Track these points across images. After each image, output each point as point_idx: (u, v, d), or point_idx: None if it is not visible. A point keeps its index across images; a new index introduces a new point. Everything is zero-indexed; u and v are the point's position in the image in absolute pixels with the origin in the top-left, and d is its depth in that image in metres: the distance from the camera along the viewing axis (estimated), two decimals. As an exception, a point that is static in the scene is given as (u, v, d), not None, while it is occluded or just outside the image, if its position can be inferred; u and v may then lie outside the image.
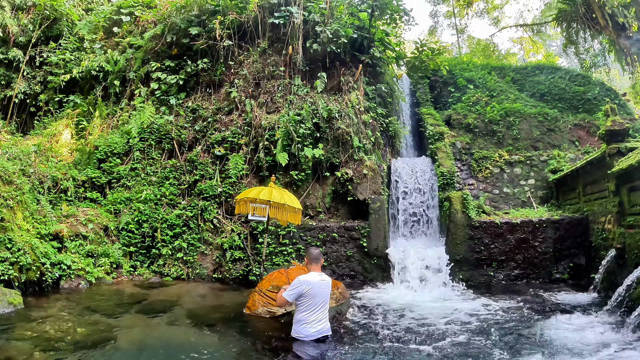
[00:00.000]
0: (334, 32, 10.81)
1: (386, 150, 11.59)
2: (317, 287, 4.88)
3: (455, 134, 12.96)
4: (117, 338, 5.07)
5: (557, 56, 29.45)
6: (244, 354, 4.79)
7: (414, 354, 4.91)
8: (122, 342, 4.94)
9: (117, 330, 5.40)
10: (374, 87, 11.60)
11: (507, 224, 9.48)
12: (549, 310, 6.90)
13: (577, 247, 9.29)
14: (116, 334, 5.24)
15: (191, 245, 9.55)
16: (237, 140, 10.52)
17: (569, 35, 18.29)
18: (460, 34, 29.95)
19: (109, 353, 4.61)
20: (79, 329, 5.37)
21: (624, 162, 7.37)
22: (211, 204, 9.92)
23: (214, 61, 11.72)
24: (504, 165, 12.42)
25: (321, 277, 5.02)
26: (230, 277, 9.21)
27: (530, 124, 13.28)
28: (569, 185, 10.65)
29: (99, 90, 12.44)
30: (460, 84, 15.11)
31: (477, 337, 5.57)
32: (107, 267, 8.85)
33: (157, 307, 6.76)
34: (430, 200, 10.88)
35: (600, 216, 8.63)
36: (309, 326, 4.87)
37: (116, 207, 9.92)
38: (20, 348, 4.56)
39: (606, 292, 7.25)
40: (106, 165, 10.54)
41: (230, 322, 6.11)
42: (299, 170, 10.02)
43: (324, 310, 4.95)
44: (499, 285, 9.17)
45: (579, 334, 5.49)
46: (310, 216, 9.98)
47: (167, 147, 10.79)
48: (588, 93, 14.74)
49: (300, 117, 10.10)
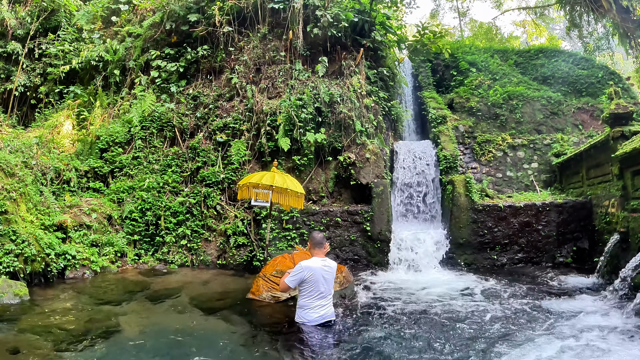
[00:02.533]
0: (335, 16, 10.69)
1: (388, 134, 11.50)
2: (319, 273, 4.81)
3: (458, 118, 12.87)
4: (123, 326, 5.08)
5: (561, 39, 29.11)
6: (248, 339, 4.77)
7: (418, 336, 4.91)
8: (128, 330, 4.94)
9: (123, 318, 5.40)
10: (375, 70, 11.48)
11: (511, 207, 9.47)
12: (552, 293, 6.90)
13: (581, 231, 9.28)
14: (122, 322, 5.24)
15: (195, 232, 9.56)
16: (238, 126, 10.47)
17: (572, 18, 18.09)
18: (462, 17, 29.67)
19: (115, 341, 4.60)
20: (85, 318, 5.37)
21: (628, 146, 7.33)
22: (214, 190, 9.90)
23: (214, 48, 11.62)
24: (507, 149, 12.36)
25: (324, 262, 4.92)
26: (235, 263, 9.22)
27: (534, 108, 13.18)
28: (572, 169, 10.59)
29: (99, 80, 12.37)
30: (463, 67, 14.96)
31: (480, 317, 5.62)
32: (111, 256, 8.87)
33: (162, 295, 6.77)
34: (433, 183, 10.85)
35: (603, 200, 8.59)
36: (312, 311, 4.84)
37: (119, 196, 9.92)
38: (27, 339, 4.56)
39: (609, 276, 7.22)
40: (108, 154, 10.52)
41: (235, 307, 6.12)
42: (301, 155, 9.97)
43: (325, 292, 4.88)
44: (503, 268, 9.18)
45: (582, 317, 5.49)
46: (313, 201, 9.97)
47: (168, 135, 10.75)
48: (592, 77, 14.60)
49: (301, 102, 10.03)
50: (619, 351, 4.30)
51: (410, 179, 10.90)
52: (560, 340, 4.60)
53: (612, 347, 4.41)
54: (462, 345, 4.56)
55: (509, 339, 4.76)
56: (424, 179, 10.90)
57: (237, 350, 4.43)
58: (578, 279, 7.92)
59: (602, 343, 4.53)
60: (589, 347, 4.40)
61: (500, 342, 4.62)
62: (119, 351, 4.30)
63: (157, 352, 4.28)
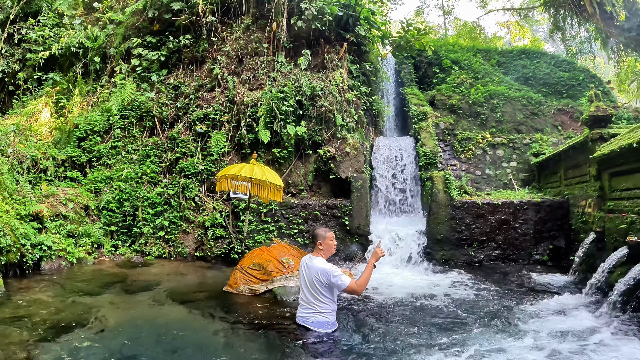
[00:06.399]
0: (319, 9, 10.61)
1: (369, 129, 11.51)
2: (302, 269, 4.65)
3: (439, 115, 12.91)
4: (99, 318, 5.01)
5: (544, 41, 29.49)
6: (225, 332, 4.74)
7: (393, 330, 4.88)
8: (105, 322, 4.88)
9: (100, 310, 5.33)
10: (358, 65, 11.45)
11: (489, 204, 9.51)
12: (528, 291, 6.96)
13: (557, 229, 9.36)
14: (98, 313, 5.18)
15: (173, 224, 9.49)
16: (219, 118, 10.38)
17: (556, 21, 18.26)
18: (447, 16, 29.82)
19: (91, 333, 4.53)
20: (61, 310, 5.30)
21: (606, 148, 7.38)
22: (193, 181, 9.83)
23: (197, 37, 11.47)
24: (487, 147, 12.44)
25: (309, 259, 4.65)
26: (212, 256, 9.18)
27: (514, 107, 13.30)
28: (550, 169, 10.71)
29: (78, 68, 12.15)
30: (446, 65, 15.03)
31: (454, 313, 5.63)
32: (88, 247, 8.77)
33: (139, 287, 6.71)
34: (413, 179, 10.88)
35: (580, 200, 8.68)
36: (299, 307, 4.68)
37: (97, 186, 9.80)
38: (2, 331, 4.45)
39: (585, 275, 7.26)
40: (86, 143, 10.38)
41: (212, 300, 6.09)
42: (281, 147, 9.93)
43: (308, 294, 4.55)
44: (480, 265, 9.24)
45: (556, 315, 5.51)
46: (292, 194, 9.94)
47: (148, 125, 10.62)
48: (573, 79, 14.83)
49: (283, 95, 9.96)
50: (594, 349, 4.29)
51: (389, 174, 10.92)
52: (533, 338, 4.58)
53: (587, 345, 4.40)
54: (419, 340, 4.53)
55: (476, 334, 4.76)
56: (404, 175, 10.92)
57: (213, 344, 4.39)
58: (554, 277, 7.99)
59: (577, 341, 4.52)
60: (562, 345, 4.38)
61: (464, 337, 4.62)
62: (95, 343, 4.23)
63: (133, 345, 4.22)
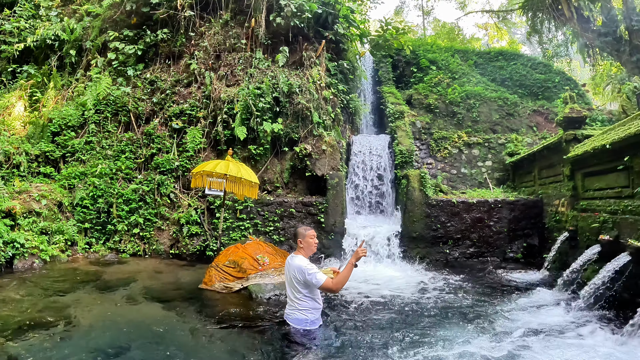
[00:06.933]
0: (299, 6, 10.56)
1: (346, 127, 11.54)
2: (286, 268, 4.59)
3: (416, 114, 13.01)
4: (73, 317, 4.95)
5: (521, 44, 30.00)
6: (201, 329, 4.73)
7: (366, 328, 4.91)
8: (78, 321, 4.82)
9: (73, 308, 5.27)
10: (336, 63, 11.44)
11: (464, 203, 9.64)
12: (501, 288, 7.06)
13: (531, 228, 9.55)
14: (72, 312, 5.12)
15: (147, 221, 9.39)
16: (195, 113, 10.28)
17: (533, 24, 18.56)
18: (426, 16, 30.08)
19: (65, 332, 4.47)
20: (35, 309, 5.22)
21: (580, 149, 7.53)
22: (168, 178, 9.72)
23: (174, 32, 11.30)
24: (463, 147, 12.59)
25: (291, 257, 4.58)
26: (188, 253, 9.11)
27: (490, 108, 13.50)
28: (525, 168, 10.89)
29: (54, 60, 11.91)
30: (423, 64, 15.13)
31: (427, 310, 5.69)
32: (61, 244, 8.63)
33: (113, 285, 6.63)
34: (388, 177, 10.94)
35: (554, 199, 8.84)
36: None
37: (70, 182, 9.63)
38: None
39: (557, 272, 7.40)
40: (60, 138, 10.18)
41: (187, 298, 6.05)
42: (257, 144, 9.88)
43: (289, 292, 4.55)
44: (455, 262, 9.37)
45: (529, 311, 5.59)
46: (268, 191, 9.91)
47: (123, 120, 10.47)
48: (548, 81, 15.12)
49: (260, 91, 9.91)
50: (566, 344, 4.36)
51: (365, 172, 10.96)
52: (505, 333, 4.64)
53: (559, 340, 4.48)
54: (388, 336, 4.58)
55: (449, 330, 4.81)
56: (380, 173, 10.97)
57: (187, 342, 4.37)
58: (527, 274, 8.13)
59: (549, 336, 4.58)
60: (534, 340, 4.45)
61: (435, 333, 4.66)
62: (68, 343, 4.17)
63: (107, 344, 4.17)
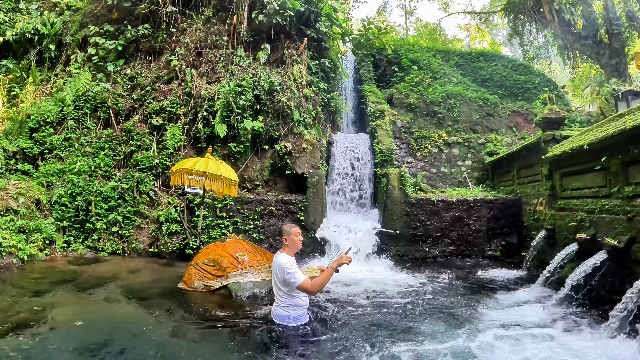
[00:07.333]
0: (281, 3, 10.51)
1: (326, 125, 11.56)
2: (272, 265, 4.58)
3: (396, 113, 13.05)
4: (51, 317, 4.88)
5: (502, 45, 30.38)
6: (180, 328, 4.71)
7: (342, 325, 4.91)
8: (57, 321, 4.75)
9: (52, 308, 5.20)
10: (317, 61, 11.43)
11: (443, 202, 9.73)
12: (480, 285, 7.14)
13: (510, 226, 9.68)
14: (50, 312, 5.05)
15: (127, 219, 9.29)
16: (175, 110, 10.20)
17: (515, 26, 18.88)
18: (408, 16, 30.23)
19: (42, 332, 4.41)
20: (12, 309, 5.14)
21: (558, 149, 7.62)
22: (147, 175, 9.63)
23: (156, 27, 11.19)
24: (443, 146, 12.66)
25: (277, 255, 4.56)
26: (167, 251, 9.06)
27: (471, 108, 13.61)
28: (504, 168, 11.01)
29: (33, 55, 11.70)
30: (405, 64, 15.19)
31: (405, 307, 5.72)
32: (39, 243, 8.51)
33: (92, 284, 6.56)
34: (369, 176, 11.00)
35: (532, 198, 8.97)
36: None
37: (49, 179, 9.48)
38: None
39: (536, 270, 7.54)
40: (39, 135, 10.03)
41: (167, 297, 6.00)
42: (237, 142, 9.85)
43: (274, 289, 4.58)
44: (434, 260, 9.47)
45: (508, 308, 5.66)
46: (248, 189, 9.90)
47: (102, 116, 10.33)
48: (528, 82, 15.31)
49: (241, 88, 9.86)
50: (543, 341, 4.42)
51: (346, 170, 10.99)
52: (483, 330, 4.68)
53: (536, 337, 4.54)
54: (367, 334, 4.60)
55: (426, 327, 4.86)
56: (360, 171, 11.01)
57: (166, 341, 4.35)
58: (506, 272, 8.23)
59: (526, 333, 4.63)
60: (510, 336, 4.50)
61: (409, 331, 4.72)
62: (45, 343, 4.13)
63: (85, 344, 4.13)
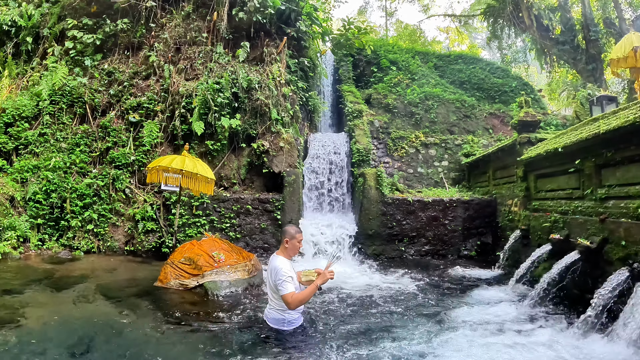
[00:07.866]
0: (262, 1, 10.46)
1: (304, 124, 11.59)
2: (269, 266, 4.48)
3: (374, 113, 13.13)
4: (24, 317, 4.82)
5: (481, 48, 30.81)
6: (156, 327, 4.70)
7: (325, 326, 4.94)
8: (30, 321, 4.70)
9: (25, 308, 5.14)
10: (297, 60, 11.42)
11: (419, 202, 9.84)
12: (455, 284, 7.24)
13: (485, 226, 9.84)
14: (23, 312, 4.99)
15: (102, 217, 9.22)
16: (153, 107, 10.12)
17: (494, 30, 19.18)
18: (389, 17, 30.32)
19: (15, 332, 4.35)
20: None
21: (533, 151, 7.77)
22: (123, 172, 9.56)
23: (135, 22, 11.04)
24: (420, 146, 12.78)
25: (274, 256, 4.44)
26: (143, 250, 9.04)
27: (448, 109, 13.75)
28: (480, 169, 11.17)
29: (9, 47, 11.48)
30: (384, 64, 15.25)
31: (380, 306, 5.79)
32: (13, 241, 8.40)
33: (67, 283, 6.51)
34: (345, 175, 11.06)
35: (508, 199, 9.12)
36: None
37: (23, 175, 9.34)
38: None
39: (510, 269, 7.64)
40: (13, 129, 9.84)
41: (143, 295, 5.99)
42: (214, 140, 9.83)
43: (268, 291, 4.48)
44: (410, 260, 9.57)
45: (482, 307, 5.75)
46: (224, 187, 9.90)
47: (79, 112, 10.21)
48: (506, 85, 15.50)
49: (219, 86, 9.82)
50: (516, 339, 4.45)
51: (323, 169, 11.03)
52: (457, 329, 4.75)
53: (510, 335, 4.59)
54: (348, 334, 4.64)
55: (401, 326, 4.91)
56: (337, 171, 11.07)
57: (141, 340, 4.35)
58: (481, 271, 8.38)
59: (500, 331, 4.70)
60: (485, 334, 4.56)
61: (385, 331, 4.76)
62: (18, 343, 4.08)
63: (61, 344, 4.10)
